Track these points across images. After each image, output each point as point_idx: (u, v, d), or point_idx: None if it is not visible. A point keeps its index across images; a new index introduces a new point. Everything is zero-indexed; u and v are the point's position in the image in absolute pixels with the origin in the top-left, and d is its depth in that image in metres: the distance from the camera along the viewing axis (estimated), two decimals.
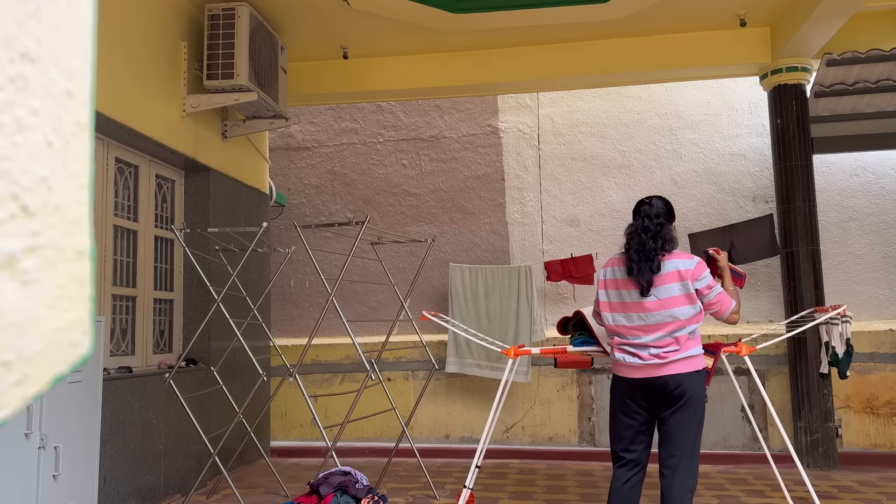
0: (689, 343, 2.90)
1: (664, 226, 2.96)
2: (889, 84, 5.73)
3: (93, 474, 3.49)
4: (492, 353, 6.16)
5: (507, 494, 4.86)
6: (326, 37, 5.91)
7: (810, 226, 5.74)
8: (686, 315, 2.88)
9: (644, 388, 2.92)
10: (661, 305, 2.88)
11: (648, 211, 3.00)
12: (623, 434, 3.02)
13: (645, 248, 2.91)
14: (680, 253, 2.97)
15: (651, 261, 2.89)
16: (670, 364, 2.86)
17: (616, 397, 3.04)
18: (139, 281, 4.93)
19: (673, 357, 2.86)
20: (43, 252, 0.44)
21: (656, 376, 2.88)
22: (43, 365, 0.44)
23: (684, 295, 2.89)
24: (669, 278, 2.89)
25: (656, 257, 2.90)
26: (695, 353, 2.90)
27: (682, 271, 2.90)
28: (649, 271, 2.88)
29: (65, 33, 0.46)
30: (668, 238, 2.94)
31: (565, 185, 6.81)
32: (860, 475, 5.34)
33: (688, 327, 2.89)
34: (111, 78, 4.17)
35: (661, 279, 2.89)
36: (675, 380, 2.86)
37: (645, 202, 3.06)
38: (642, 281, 2.88)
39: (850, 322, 4.97)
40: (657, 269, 2.89)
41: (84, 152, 0.48)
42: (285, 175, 7.24)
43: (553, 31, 5.88)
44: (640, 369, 2.91)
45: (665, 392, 2.88)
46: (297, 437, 6.67)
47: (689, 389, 2.86)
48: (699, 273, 2.92)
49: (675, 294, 2.88)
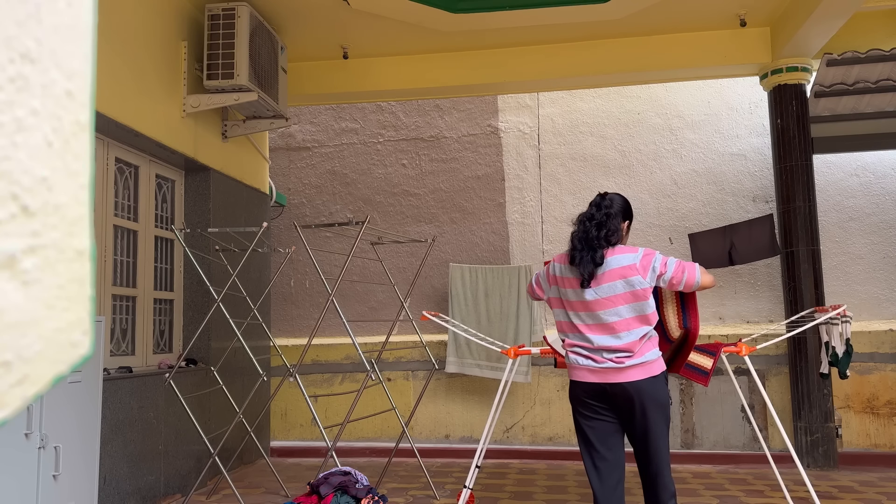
0: (645, 346, 2.71)
1: (612, 217, 2.80)
2: (889, 84, 5.73)
3: (93, 474, 3.49)
4: (492, 353, 6.15)
5: (507, 494, 4.86)
6: (326, 37, 5.91)
7: (810, 226, 5.74)
8: (632, 313, 2.70)
9: (600, 393, 2.74)
10: (604, 304, 2.71)
11: (599, 202, 2.86)
12: (591, 439, 2.82)
13: (588, 236, 2.76)
14: (624, 248, 2.78)
15: (594, 250, 2.72)
16: (626, 370, 2.68)
17: (575, 403, 2.85)
18: (139, 281, 4.93)
19: (628, 363, 2.68)
20: (43, 252, 0.44)
21: (612, 383, 2.70)
22: (43, 365, 0.44)
23: (629, 293, 2.70)
24: (612, 275, 2.71)
25: (599, 249, 2.73)
26: (651, 358, 2.71)
27: (627, 266, 2.71)
28: (591, 262, 2.71)
29: (65, 33, 0.46)
30: (613, 230, 2.78)
31: (565, 185, 6.81)
32: (860, 475, 5.34)
33: (638, 329, 2.70)
34: (111, 78, 4.17)
35: (603, 276, 2.71)
36: (633, 387, 2.67)
37: (601, 195, 2.91)
38: (583, 272, 2.71)
39: (850, 322, 4.96)
40: (600, 261, 2.71)
41: (84, 152, 0.48)
42: (285, 175, 7.24)
43: (553, 31, 5.88)
44: (595, 373, 2.73)
45: (624, 400, 2.71)
46: (297, 437, 6.67)
47: (649, 397, 2.68)
48: (648, 262, 2.72)
49: (618, 292, 2.70)
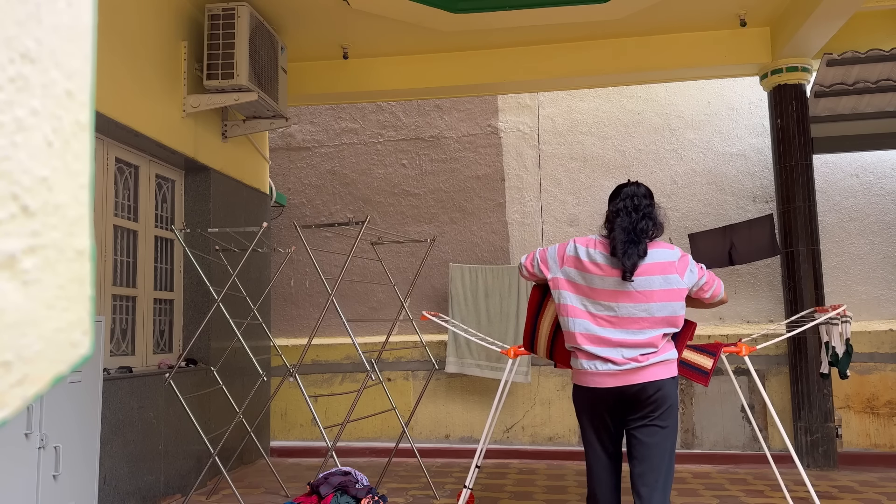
0: (667, 346, 2.60)
1: (654, 207, 2.66)
2: (889, 84, 5.73)
3: (93, 474, 3.49)
4: (492, 353, 6.16)
5: (507, 494, 4.86)
6: (326, 37, 5.91)
7: (810, 226, 5.74)
8: (664, 312, 2.56)
9: (617, 395, 2.58)
10: (637, 298, 2.54)
11: (636, 191, 2.66)
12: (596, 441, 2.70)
13: (636, 227, 2.57)
14: (663, 243, 2.65)
15: (639, 243, 2.54)
16: (648, 368, 2.54)
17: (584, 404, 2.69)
18: (139, 281, 4.93)
19: (651, 360, 2.53)
20: (43, 252, 0.44)
21: (632, 384, 2.54)
22: (43, 365, 0.44)
23: (664, 290, 2.55)
24: (652, 269, 2.56)
25: (645, 240, 2.56)
26: (672, 357, 2.60)
27: (667, 263, 2.58)
28: (636, 255, 2.52)
29: (65, 33, 0.46)
30: (658, 222, 2.64)
31: (565, 185, 6.81)
32: (860, 475, 5.34)
33: (664, 328, 2.57)
34: (111, 78, 4.17)
35: (643, 269, 2.55)
36: (654, 386, 2.53)
37: (629, 183, 2.72)
38: (627, 263, 2.51)
39: (850, 322, 4.97)
40: (643, 254, 2.54)
41: (84, 152, 0.48)
42: (285, 175, 7.24)
43: (553, 31, 5.88)
44: (615, 376, 2.55)
45: (640, 399, 2.56)
46: (297, 437, 6.67)
47: (668, 397, 2.55)
48: (685, 263, 2.61)
49: (655, 287, 2.55)
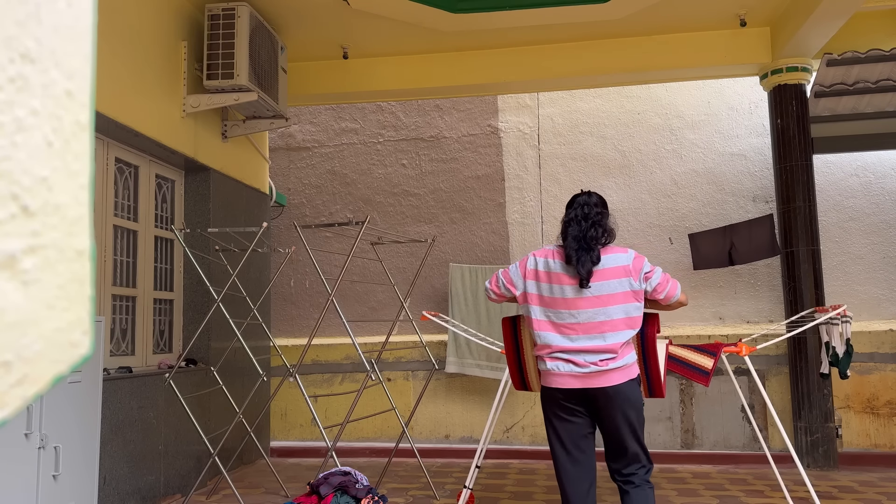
0: (626, 350, 2.72)
1: (604, 215, 2.81)
2: (889, 84, 5.73)
3: (93, 474, 3.49)
4: (492, 353, 6.16)
5: (507, 494, 4.86)
6: (326, 37, 5.91)
7: (810, 226, 5.74)
8: (621, 315, 2.69)
9: (581, 396, 2.72)
10: (595, 303, 2.68)
11: (587, 200, 2.84)
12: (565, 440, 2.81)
13: (586, 235, 2.73)
14: (616, 247, 2.80)
15: (591, 250, 2.70)
16: (609, 373, 2.68)
17: (550, 404, 2.81)
18: (139, 281, 4.93)
19: (611, 365, 2.67)
20: (43, 252, 0.44)
21: (594, 387, 2.68)
22: (43, 365, 0.44)
23: (620, 293, 2.70)
24: (606, 274, 2.71)
25: (597, 247, 2.72)
26: (631, 361, 2.73)
27: (622, 266, 2.72)
28: (590, 262, 2.68)
29: (65, 33, 0.46)
30: (608, 228, 2.80)
31: (565, 185, 6.81)
32: (860, 475, 5.34)
33: (624, 331, 2.69)
34: (111, 78, 4.17)
35: (599, 274, 2.70)
36: (615, 390, 2.68)
37: (582, 193, 2.90)
38: (582, 271, 2.67)
39: (850, 322, 4.96)
40: (597, 260, 2.69)
41: (84, 152, 0.48)
42: (285, 175, 7.24)
43: (553, 31, 5.88)
44: (578, 378, 2.69)
45: (604, 402, 2.70)
46: (297, 437, 6.67)
47: (628, 400, 2.69)
48: (640, 265, 2.75)
49: (611, 291, 2.69)
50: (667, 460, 5.96)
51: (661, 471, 5.63)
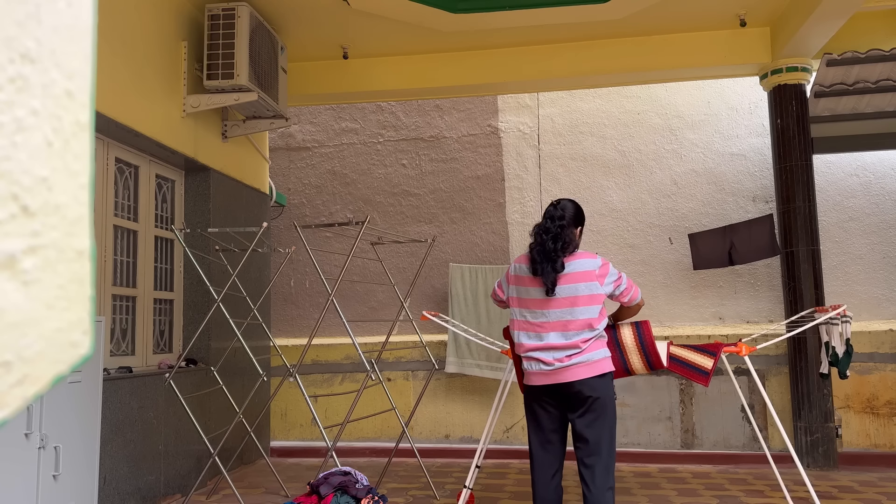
0: (593, 345, 2.96)
1: (565, 228, 3.03)
2: (889, 84, 5.73)
3: (93, 474, 3.49)
4: (492, 353, 6.16)
5: (507, 494, 4.86)
6: (326, 37, 5.91)
7: (810, 226, 5.74)
8: (586, 315, 2.94)
9: (550, 392, 3.00)
10: (563, 304, 2.96)
11: (552, 213, 3.07)
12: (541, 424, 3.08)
13: (545, 248, 2.98)
14: (584, 253, 3.05)
15: (553, 261, 2.95)
16: (572, 368, 2.92)
17: (528, 395, 3.12)
18: (139, 281, 4.93)
19: (575, 360, 2.92)
20: (43, 252, 0.44)
21: (560, 382, 2.94)
22: (43, 365, 0.44)
23: (587, 296, 2.96)
24: (575, 278, 2.97)
25: (558, 259, 2.96)
26: (598, 357, 2.95)
27: (587, 272, 2.98)
28: (552, 271, 2.94)
29: (65, 33, 0.46)
30: (568, 241, 3.02)
31: (565, 185, 6.81)
32: (860, 475, 5.34)
33: (588, 330, 2.94)
34: (111, 78, 4.17)
35: (566, 278, 2.96)
36: (581, 384, 2.92)
37: (553, 204, 3.13)
38: (547, 282, 2.95)
39: (850, 322, 4.96)
40: (561, 269, 2.95)
41: (84, 152, 0.48)
42: (285, 175, 7.24)
43: (553, 31, 5.88)
44: (547, 375, 2.97)
45: (570, 396, 2.96)
46: (297, 437, 6.67)
47: (593, 393, 2.92)
48: (606, 270, 3.02)
49: (579, 294, 2.95)
50: (667, 460, 5.96)
51: (661, 471, 5.63)
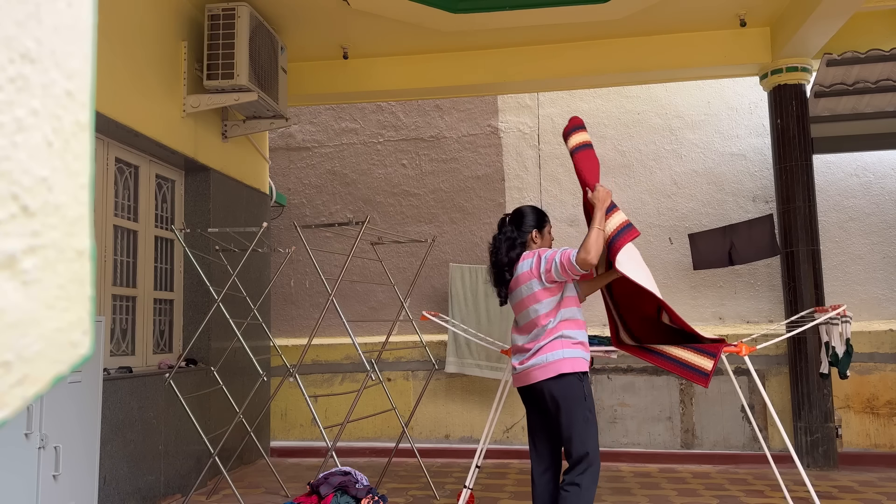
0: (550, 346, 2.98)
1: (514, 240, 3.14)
2: (889, 84, 5.73)
3: (93, 474, 3.49)
4: (492, 353, 6.15)
5: (507, 494, 4.86)
6: (326, 37, 5.91)
7: (810, 226, 5.74)
8: (535, 315, 3.02)
9: (524, 393, 3.14)
10: (517, 307, 3.12)
11: (501, 226, 3.23)
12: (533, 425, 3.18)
13: (497, 261, 3.15)
14: (527, 254, 3.13)
15: (502, 273, 3.12)
16: (531, 371, 3.01)
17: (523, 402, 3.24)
18: (139, 281, 4.93)
19: (530, 363, 3.01)
20: (43, 252, 0.44)
21: (525, 385, 3.06)
22: (43, 365, 0.44)
23: (531, 294, 3.04)
24: (518, 281, 3.08)
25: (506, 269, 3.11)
26: (555, 359, 2.96)
27: (526, 272, 3.06)
28: (503, 283, 3.13)
29: (65, 33, 0.46)
30: (515, 245, 3.14)
31: (565, 185, 6.81)
32: (860, 475, 5.34)
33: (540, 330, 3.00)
34: (111, 78, 4.17)
35: (514, 281, 3.09)
36: (541, 386, 2.99)
37: (501, 219, 3.27)
38: (500, 294, 3.16)
39: (849, 322, 4.96)
40: (510, 278, 3.10)
41: (84, 152, 0.48)
42: (285, 175, 7.24)
43: (553, 31, 5.88)
44: (516, 378, 3.12)
45: (537, 397, 3.05)
46: (297, 437, 6.67)
47: (554, 394, 2.96)
48: (538, 266, 3.05)
49: (523, 296, 3.07)
50: (667, 460, 5.96)
51: (661, 471, 5.63)
